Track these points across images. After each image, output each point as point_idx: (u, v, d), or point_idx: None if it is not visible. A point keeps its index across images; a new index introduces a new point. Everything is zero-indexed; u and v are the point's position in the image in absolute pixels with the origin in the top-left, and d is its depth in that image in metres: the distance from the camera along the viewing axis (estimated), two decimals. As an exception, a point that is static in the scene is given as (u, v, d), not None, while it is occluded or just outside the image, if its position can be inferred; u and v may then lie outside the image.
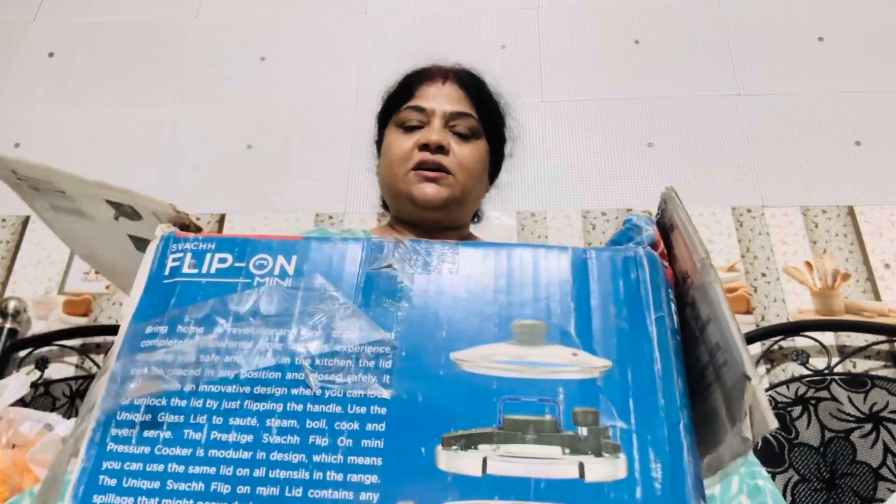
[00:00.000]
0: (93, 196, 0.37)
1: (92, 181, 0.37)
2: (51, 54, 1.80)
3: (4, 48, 1.81)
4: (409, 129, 0.92)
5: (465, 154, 0.90)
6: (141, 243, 0.36)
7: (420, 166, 0.88)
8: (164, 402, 0.28)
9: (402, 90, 0.98)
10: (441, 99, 0.93)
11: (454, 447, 0.26)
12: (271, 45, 1.77)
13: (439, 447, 0.26)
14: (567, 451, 0.25)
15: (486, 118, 0.96)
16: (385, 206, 1.02)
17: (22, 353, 1.40)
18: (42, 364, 1.37)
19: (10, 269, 1.50)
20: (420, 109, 0.92)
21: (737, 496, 0.55)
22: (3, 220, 1.56)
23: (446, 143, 0.89)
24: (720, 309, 0.30)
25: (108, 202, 0.37)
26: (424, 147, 0.88)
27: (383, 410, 0.27)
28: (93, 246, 0.44)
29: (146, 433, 0.27)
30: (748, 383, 0.27)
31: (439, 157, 0.88)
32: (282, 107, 1.68)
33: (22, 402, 1.11)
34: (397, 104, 0.96)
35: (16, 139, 1.67)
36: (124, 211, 0.35)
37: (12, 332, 1.37)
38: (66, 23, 1.85)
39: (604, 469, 0.25)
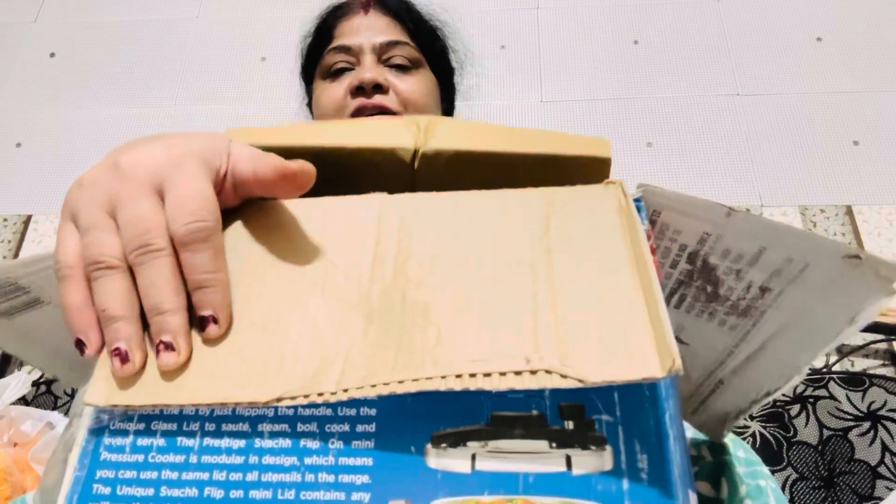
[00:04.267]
0: (51, 267, 0.34)
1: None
2: (52, 54, 1.80)
3: (6, 48, 1.82)
4: (337, 74, 0.75)
5: (409, 87, 0.73)
6: None
7: (358, 114, 0.70)
8: (156, 409, 0.28)
9: (320, 34, 0.81)
10: (366, 31, 0.76)
11: (443, 445, 0.26)
12: (271, 45, 1.77)
13: (428, 445, 0.26)
14: (554, 445, 0.26)
15: (425, 44, 0.79)
16: None
17: (24, 353, 1.40)
18: (44, 363, 1.37)
19: (11, 269, 1.50)
20: (345, 49, 0.74)
21: (742, 498, 0.54)
22: (5, 220, 1.56)
23: (383, 79, 0.71)
24: (778, 229, 0.31)
25: None
26: (359, 91, 0.71)
27: (373, 412, 0.27)
28: (52, 338, 0.40)
29: (140, 441, 0.27)
30: (859, 259, 0.29)
31: (378, 99, 0.70)
32: (282, 107, 1.68)
33: (23, 401, 1.12)
34: (318, 50, 0.79)
35: (16, 139, 1.68)
36: None
37: (14, 331, 1.37)
38: (67, 23, 1.85)
39: (590, 461, 0.25)
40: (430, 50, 0.81)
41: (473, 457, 0.26)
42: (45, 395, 1.31)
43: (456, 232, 0.32)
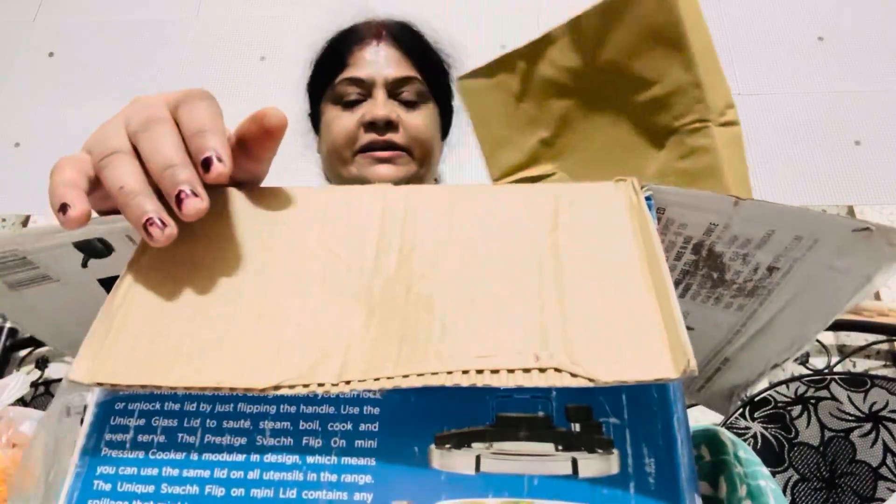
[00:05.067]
0: (59, 246, 0.35)
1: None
2: (51, 54, 1.80)
3: (4, 48, 1.82)
4: (349, 105, 0.79)
5: (417, 124, 0.79)
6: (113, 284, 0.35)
7: (369, 148, 0.76)
8: (157, 406, 0.28)
9: (332, 56, 0.85)
10: (379, 64, 0.80)
11: (447, 446, 0.26)
12: (271, 44, 1.77)
13: (432, 446, 0.26)
14: (560, 447, 0.25)
15: (432, 77, 0.85)
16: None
17: (22, 353, 1.40)
18: (42, 363, 1.37)
19: (10, 269, 1.50)
20: (357, 82, 0.79)
21: (741, 498, 0.54)
22: (3, 220, 1.56)
23: (395, 117, 0.77)
24: (786, 211, 0.31)
25: (76, 245, 0.35)
26: (371, 126, 0.76)
27: (376, 410, 0.27)
28: (58, 316, 0.41)
29: (140, 437, 0.27)
30: (869, 231, 0.30)
31: (390, 136, 0.76)
32: (281, 106, 1.67)
33: (22, 402, 1.11)
34: (329, 74, 0.83)
35: (16, 139, 1.67)
36: (93, 249, 0.33)
37: (12, 331, 1.37)
38: (66, 22, 1.85)
39: (597, 465, 0.25)
40: (436, 83, 0.86)
41: (478, 458, 0.25)
42: (44, 395, 1.31)
43: (461, 226, 0.32)
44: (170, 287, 0.30)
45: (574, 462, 0.25)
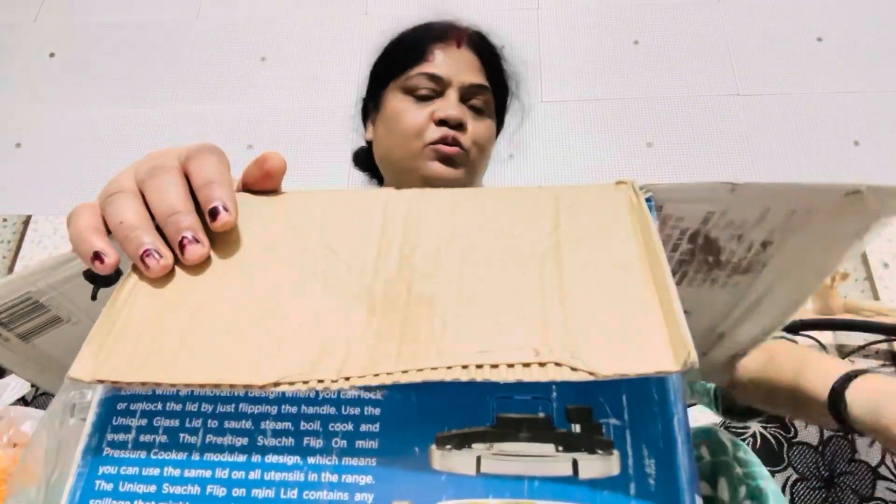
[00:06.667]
0: (70, 279, 0.35)
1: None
2: (52, 54, 1.80)
3: (5, 48, 1.82)
4: (421, 99, 0.81)
5: (481, 132, 0.82)
6: None
7: (441, 142, 0.78)
8: (159, 406, 0.28)
9: (410, 48, 0.85)
10: (457, 67, 0.82)
11: (448, 447, 0.26)
12: (271, 45, 1.77)
13: (433, 447, 0.26)
14: (561, 448, 0.25)
15: (498, 92, 0.88)
16: (368, 170, 0.95)
17: (23, 353, 1.39)
18: (43, 363, 1.37)
19: (11, 269, 1.50)
20: (435, 78, 0.81)
21: (742, 499, 0.54)
22: (4, 220, 1.56)
23: (465, 120, 0.80)
24: (781, 187, 0.32)
25: (85, 275, 0.35)
26: (442, 122, 0.79)
27: (377, 411, 0.27)
28: (66, 357, 0.39)
29: (142, 437, 0.27)
30: (860, 193, 0.30)
31: (458, 135, 0.79)
32: (282, 107, 1.68)
33: (23, 401, 1.11)
34: (404, 64, 0.84)
35: (16, 139, 1.67)
36: (103, 275, 0.34)
37: (13, 331, 1.37)
38: (66, 23, 1.85)
39: (597, 466, 0.25)
40: (500, 99, 0.88)
41: (478, 459, 0.25)
42: (45, 395, 1.31)
43: (463, 226, 0.32)
44: (172, 287, 0.30)
45: (574, 463, 0.25)
